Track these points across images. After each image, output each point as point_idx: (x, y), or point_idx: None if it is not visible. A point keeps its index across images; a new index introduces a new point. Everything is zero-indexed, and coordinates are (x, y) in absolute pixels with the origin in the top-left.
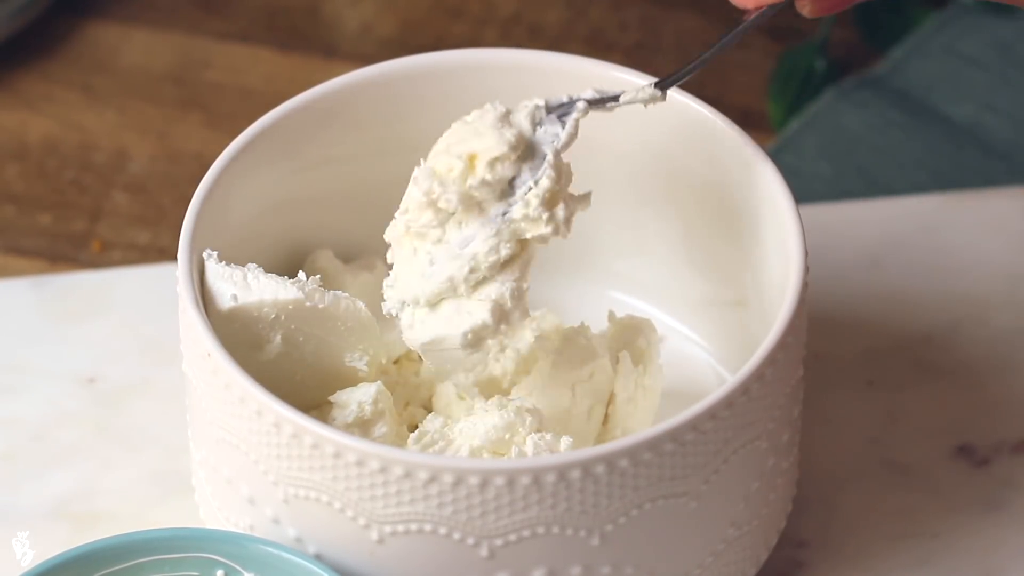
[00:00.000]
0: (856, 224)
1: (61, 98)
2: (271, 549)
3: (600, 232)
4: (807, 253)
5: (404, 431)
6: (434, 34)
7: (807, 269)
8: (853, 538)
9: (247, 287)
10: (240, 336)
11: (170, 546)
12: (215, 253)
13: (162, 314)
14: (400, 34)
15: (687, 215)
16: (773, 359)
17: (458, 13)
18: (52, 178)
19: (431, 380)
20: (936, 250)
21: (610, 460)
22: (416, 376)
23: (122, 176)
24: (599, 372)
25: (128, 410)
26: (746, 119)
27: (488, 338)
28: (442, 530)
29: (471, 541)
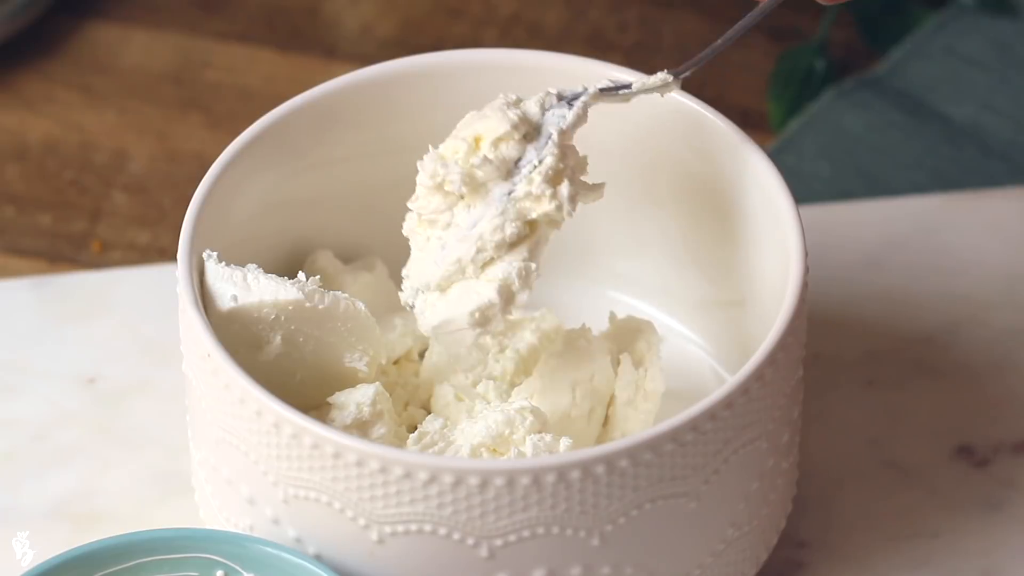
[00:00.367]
0: (856, 224)
1: (61, 98)
2: (271, 549)
3: (600, 232)
4: (807, 253)
5: (403, 432)
6: (434, 34)
7: (807, 269)
8: (853, 538)
9: (247, 288)
10: (240, 337)
11: (170, 546)
12: (215, 253)
13: (162, 314)
14: (400, 34)
15: (687, 215)
16: (773, 359)
17: (458, 13)
18: (52, 178)
19: (430, 381)
20: (936, 250)
21: (610, 460)
22: (415, 377)
23: (122, 176)
24: (600, 374)
25: (128, 410)
26: (746, 119)
27: (495, 319)
28: (442, 530)
29: (471, 541)
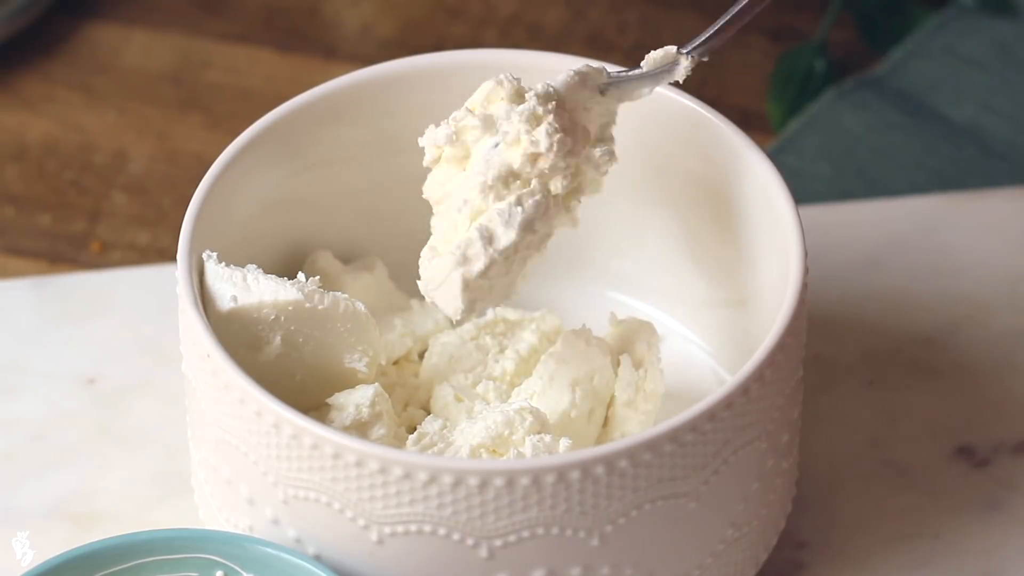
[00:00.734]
0: (856, 224)
1: (61, 99)
2: (271, 550)
3: (599, 232)
4: (807, 253)
5: (403, 433)
6: (434, 34)
7: (807, 270)
8: (853, 539)
9: (247, 288)
10: (240, 337)
11: (170, 547)
12: (215, 254)
13: (162, 315)
14: (400, 34)
15: (687, 216)
16: (773, 360)
17: (458, 13)
18: (52, 179)
19: (430, 382)
20: (936, 251)
21: (609, 461)
22: (415, 377)
23: (122, 177)
24: (600, 374)
25: (128, 410)
26: (746, 119)
27: (477, 259)
28: (441, 531)
29: (470, 542)
